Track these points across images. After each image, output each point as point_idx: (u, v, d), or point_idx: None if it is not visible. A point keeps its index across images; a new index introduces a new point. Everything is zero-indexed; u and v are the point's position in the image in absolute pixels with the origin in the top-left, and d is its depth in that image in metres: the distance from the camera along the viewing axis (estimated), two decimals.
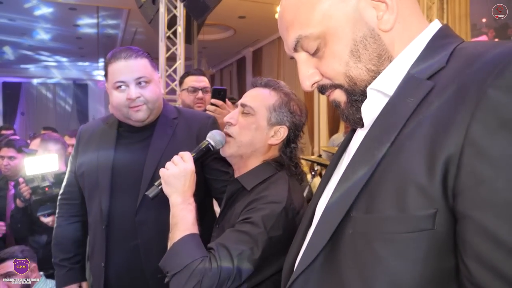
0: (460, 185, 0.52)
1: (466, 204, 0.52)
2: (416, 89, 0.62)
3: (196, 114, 1.84)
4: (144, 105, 1.56)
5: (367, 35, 0.68)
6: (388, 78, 0.68)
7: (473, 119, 0.52)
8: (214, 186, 1.70)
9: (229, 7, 6.89)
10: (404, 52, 0.69)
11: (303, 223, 0.84)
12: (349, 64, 0.69)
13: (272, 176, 1.26)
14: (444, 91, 0.58)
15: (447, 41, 0.66)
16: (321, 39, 0.70)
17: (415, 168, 0.56)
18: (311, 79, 0.75)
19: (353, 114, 0.73)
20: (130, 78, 1.53)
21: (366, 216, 0.61)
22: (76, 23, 8.86)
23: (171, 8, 5.02)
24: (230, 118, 1.31)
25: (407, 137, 0.59)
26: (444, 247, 0.55)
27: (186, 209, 1.17)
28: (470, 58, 0.58)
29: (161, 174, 1.21)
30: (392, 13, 0.67)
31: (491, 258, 0.49)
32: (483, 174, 0.50)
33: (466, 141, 0.52)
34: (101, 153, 1.65)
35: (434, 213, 0.54)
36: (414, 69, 0.65)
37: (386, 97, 0.67)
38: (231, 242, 1.10)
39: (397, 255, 0.57)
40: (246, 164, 1.31)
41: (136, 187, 1.56)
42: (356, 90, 0.71)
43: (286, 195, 1.18)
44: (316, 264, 0.68)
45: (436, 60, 0.63)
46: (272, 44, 9.89)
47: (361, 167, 0.64)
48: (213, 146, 1.30)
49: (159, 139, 1.62)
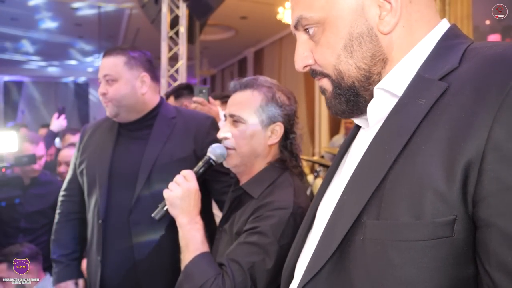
0: (482, 192, 0.50)
1: (489, 211, 0.49)
2: (428, 90, 0.60)
3: (195, 114, 1.84)
4: (109, 103, 1.61)
5: (364, 33, 0.67)
6: (396, 78, 0.66)
7: (496, 122, 0.50)
8: (213, 187, 1.70)
9: (230, 8, 6.89)
10: (412, 52, 0.67)
11: (303, 226, 0.82)
12: (340, 58, 0.69)
13: (276, 179, 1.25)
14: (461, 92, 0.55)
15: (457, 41, 0.65)
16: (320, 25, 0.70)
17: (432, 173, 0.53)
18: (304, 61, 0.75)
19: (335, 106, 0.75)
20: (100, 75, 1.61)
21: (379, 222, 0.58)
22: (78, 22, 8.86)
23: (173, 8, 5.02)
24: (223, 133, 1.29)
25: (423, 140, 0.56)
26: (463, 255, 0.53)
27: (193, 229, 1.17)
28: (487, 59, 0.57)
29: (165, 196, 1.21)
30: (395, 16, 0.66)
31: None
32: (508, 180, 0.48)
33: (488, 145, 0.50)
34: (101, 151, 1.67)
35: (453, 219, 0.52)
36: (424, 69, 0.64)
37: (394, 97, 0.66)
38: (242, 256, 1.09)
39: (413, 264, 0.54)
40: (251, 170, 1.29)
41: (133, 184, 1.56)
42: (342, 84, 0.71)
43: (292, 200, 1.17)
44: (323, 273, 0.64)
45: (447, 61, 0.62)
46: (274, 45, 9.88)
47: (371, 170, 0.61)
48: (215, 161, 1.29)
49: (157, 138, 1.63)
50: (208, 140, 1.46)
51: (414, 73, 0.65)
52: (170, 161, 1.60)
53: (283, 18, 6.35)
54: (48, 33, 9.58)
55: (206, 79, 14.30)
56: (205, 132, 1.67)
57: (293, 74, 8.96)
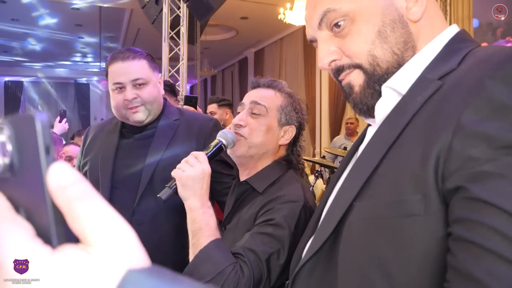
0: (450, 167, 0.52)
1: (457, 180, 0.51)
2: (426, 88, 0.63)
3: (198, 116, 1.85)
4: (142, 106, 1.57)
5: (396, 19, 0.69)
6: (403, 78, 0.69)
7: (466, 107, 0.53)
8: (216, 188, 1.70)
9: (231, 8, 6.90)
10: (420, 54, 0.70)
11: (313, 218, 0.85)
12: (374, 43, 0.70)
13: (282, 176, 1.25)
14: (451, 89, 0.59)
15: (463, 45, 0.67)
16: (348, 17, 0.70)
17: (412, 158, 0.57)
18: (330, 56, 0.74)
19: (366, 98, 0.73)
20: (126, 80, 1.54)
21: (364, 203, 0.63)
22: (78, 22, 8.87)
23: (174, 9, 5.02)
24: (239, 120, 1.25)
25: (411, 131, 0.60)
26: (434, 233, 0.54)
27: (207, 213, 1.11)
28: (477, 60, 0.61)
29: (176, 176, 1.15)
30: (421, 6, 0.69)
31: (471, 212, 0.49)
32: (471, 152, 0.50)
33: (456, 128, 0.53)
34: (104, 152, 1.67)
35: (423, 197, 0.55)
36: (428, 70, 0.67)
37: (399, 96, 0.69)
38: (258, 246, 1.06)
39: (387, 240, 0.57)
40: (256, 165, 1.28)
41: (135, 186, 1.56)
42: (377, 71, 0.71)
43: (302, 194, 1.16)
44: (322, 253, 0.69)
45: (448, 63, 0.65)
46: (274, 45, 9.89)
47: (367, 160, 0.65)
48: (225, 145, 1.24)
49: (160, 139, 1.63)
50: (210, 141, 1.46)
51: (419, 74, 0.68)
52: (173, 162, 1.60)
53: (284, 19, 6.35)
54: (49, 34, 9.59)
55: (207, 80, 14.30)
56: (207, 134, 1.67)
57: (294, 74, 8.97)
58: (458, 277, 0.49)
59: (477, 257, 0.47)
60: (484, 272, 0.46)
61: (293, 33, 8.83)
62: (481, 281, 0.46)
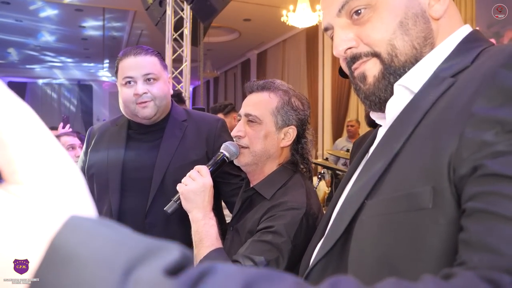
0: (462, 154, 0.50)
1: (469, 164, 0.49)
2: (439, 86, 0.63)
3: (206, 116, 1.85)
4: (151, 102, 1.57)
5: (418, 14, 0.69)
6: (416, 76, 0.69)
7: (479, 97, 0.52)
8: (224, 189, 1.70)
9: (234, 10, 6.91)
10: (434, 52, 0.69)
11: (322, 221, 0.85)
12: (396, 33, 0.69)
13: (288, 181, 1.26)
14: (464, 84, 0.59)
15: (476, 44, 0.67)
16: (370, 6, 0.70)
17: (423, 152, 0.56)
18: (347, 43, 0.72)
19: (379, 91, 0.71)
20: (138, 74, 1.55)
21: (374, 201, 0.61)
22: (81, 24, 8.91)
23: (177, 11, 5.04)
24: (238, 131, 1.29)
25: (423, 128, 0.60)
26: (444, 228, 0.52)
27: (208, 224, 1.17)
28: (490, 54, 0.60)
29: (180, 190, 1.21)
30: (444, 4, 0.69)
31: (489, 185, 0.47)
32: (483, 137, 0.49)
33: (469, 116, 0.52)
34: (111, 155, 1.65)
35: (431, 190, 0.53)
36: (441, 68, 0.66)
37: (412, 94, 0.68)
38: (256, 253, 1.09)
39: (396, 236, 0.56)
40: (263, 171, 1.30)
41: (146, 189, 1.56)
42: (394, 62, 0.69)
43: (305, 201, 1.17)
44: (334, 253, 0.68)
45: (462, 61, 0.64)
46: (277, 47, 9.90)
47: (379, 159, 0.64)
48: (228, 158, 1.30)
49: (169, 141, 1.63)
50: (220, 142, 1.46)
51: (432, 72, 0.67)
52: (184, 163, 1.59)
53: (286, 21, 6.36)
54: (51, 35, 9.63)
55: (209, 81, 14.33)
56: (216, 134, 1.67)
57: (296, 76, 8.98)
58: (470, 250, 0.45)
59: (490, 225, 0.44)
60: (498, 239, 0.42)
61: (295, 35, 8.84)
62: (494, 249, 0.41)
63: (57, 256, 0.26)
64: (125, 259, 0.26)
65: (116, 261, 0.26)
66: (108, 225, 0.28)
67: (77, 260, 0.26)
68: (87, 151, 1.75)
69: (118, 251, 0.27)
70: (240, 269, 0.30)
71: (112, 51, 11.06)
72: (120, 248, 0.27)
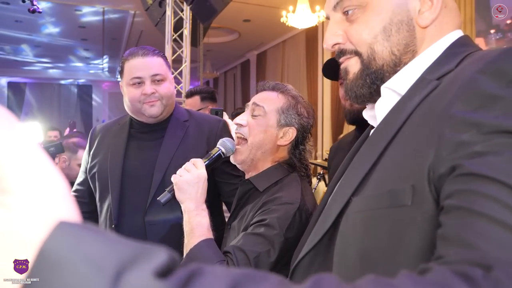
0: (442, 153, 0.53)
1: (447, 163, 0.52)
2: (424, 88, 0.66)
3: (207, 117, 1.87)
4: (159, 101, 1.61)
5: (403, 21, 0.71)
6: (403, 79, 0.72)
7: (457, 100, 0.55)
8: (224, 189, 1.71)
9: (234, 11, 6.92)
10: (421, 56, 0.72)
11: (314, 216, 0.88)
12: (377, 38, 0.72)
13: (284, 178, 1.28)
14: (446, 86, 0.61)
15: (463, 49, 0.70)
16: (361, 7, 0.73)
17: (405, 152, 0.60)
18: (335, 38, 0.77)
19: (357, 87, 0.76)
20: (146, 74, 1.59)
21: (358, 198, 0.65)
22: (81, 24, 8.91)
23: (177, 11, 5.05)
24: (240, 120, 1.33)
25: (407, 128, 0.63)
26: (422, 225, 0.54)
27: (200, 215, 1.18)
28: (472, 59, 0.63)
29: (174, 181, 1.22)
30: (434, 13, 0.71)
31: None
32: (462, 137, 0.51)
33: (448, 119, 0.54)
34: (112, 154, 1.67)
35: (411, 188, 0.55)
36: (428, 72, 0.69)
37: (399, 96, 0.71)
38: (248, 245, 1.10)
39: (372, 229, 0.59)
40: (257, 166, 1.32)
41: (146, 187, 1.58)
42: (372, 65, 0.74)
43: (299, 197, 1.19)
44: (321, 246, 0.72)
45: (447, 65, 0.67)
46: (277, 48, 9.90)
47: (366, 158, 0.68)
48: (224, 153, 1.32)
49: (170, 141, 1.65)
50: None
51: (419, 75, 0.70)
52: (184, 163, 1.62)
53: (286, 22, 6.37)
54: (52, 35, 9.63)
55: (209, 82, 14.33)
56: (217, 135, 1.69)
57: (296, 77, 8.98)
58: (447, 244, 0.46)
59: (466, 222, 0.45)
60: (474, 235, 0.43)
61: (295, 36, 8.85)
62: (472, 245, 0.43)
63: (47, 261, 0.26)
64: (115, 263, 0.27)
65: (106, 265, 0.27)
66: (96, 230, 0.28)
67: (67, 265, 0.26)
68: (90, 151, 1.77)
69: (107, 255, 0.27)
70: (226, 270, 0.31)
71: (111, 51, 11.06)
72: (109, 252, 0.28)
